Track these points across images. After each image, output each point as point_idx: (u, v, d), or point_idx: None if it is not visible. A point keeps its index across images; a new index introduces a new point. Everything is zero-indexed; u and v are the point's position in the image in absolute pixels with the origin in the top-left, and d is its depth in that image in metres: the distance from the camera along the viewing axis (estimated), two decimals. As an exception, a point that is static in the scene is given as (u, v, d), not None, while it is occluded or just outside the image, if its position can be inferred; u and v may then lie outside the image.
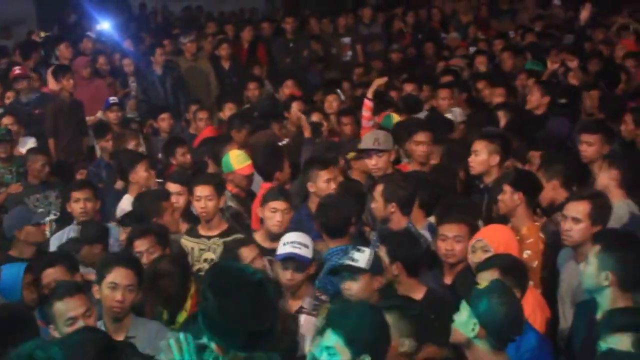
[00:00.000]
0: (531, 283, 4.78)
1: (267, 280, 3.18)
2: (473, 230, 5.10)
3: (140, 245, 5.38)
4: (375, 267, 4.65)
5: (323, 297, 4.98)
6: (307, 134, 7.47)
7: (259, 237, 5.83)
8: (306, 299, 4.94)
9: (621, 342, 3.31)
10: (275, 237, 5.46)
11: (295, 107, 8.82)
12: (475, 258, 4.75)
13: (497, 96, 8.74)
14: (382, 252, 4.84)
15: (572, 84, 8.96)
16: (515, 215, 5.40)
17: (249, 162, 6.96)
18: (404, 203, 5.61)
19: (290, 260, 4.88)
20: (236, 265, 3.46)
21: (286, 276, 4.88)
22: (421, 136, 6.80)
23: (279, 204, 5.73)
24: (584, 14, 10.85)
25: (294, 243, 4.93)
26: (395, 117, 7.79)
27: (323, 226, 5.49)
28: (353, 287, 4.62)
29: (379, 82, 8.40)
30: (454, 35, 14.24)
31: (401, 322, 3.69)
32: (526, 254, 5.19)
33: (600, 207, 4.81)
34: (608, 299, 4.02)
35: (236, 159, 6.90)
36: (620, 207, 5.32)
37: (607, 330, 3.43)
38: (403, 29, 14.63)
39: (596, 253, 4.04)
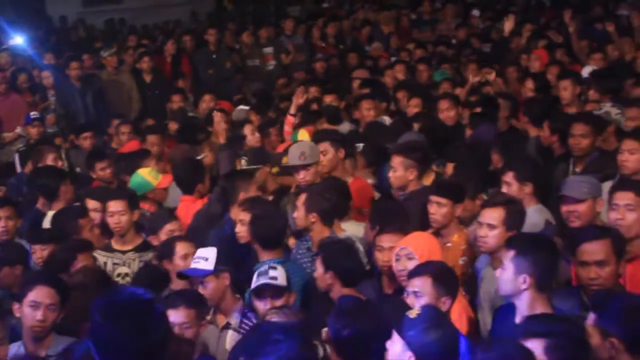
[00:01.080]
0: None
1: (156, 300, 3.15)
2: None
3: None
4: (289, 283, 4.74)
5: (250, 315, 4.96)
6: (222, 139, 7.45)
7: None
8: (234, 315, 4.93)
9: (534, 348, 3.36)
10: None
11: (218, 117, 8.79)
12: (400, 266, 4.76)
13: (412, 107, 8.83)
14: (318, 261, 4.89)
15: (489, 94, 9.15)
16: (450, 224, 5.45)
17: (163, 174, 7.00)
18: (326, 214, 5.64)
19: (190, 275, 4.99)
20: (127, 287, 3.42)
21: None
22: None
23: (173, 225, 5.91)
24: (508, 25, 11.06)
25: (195, 258, 4.99)
26: (302, 134, 7.83)
27: (257, 237, 5.46)
28: (275, 305, 4.65)
29: (299, 99, 8.46)
30: (376, 45, 14.38)
31: None
32: (462, 260, 5.26)
33: (514, 213, 4.89)
34: (527, 302, 4.05)
35: (151, 176, 6.88)
36: (535, 213, 5.43)
37: (522, 336, 3.46)
38: (317, 42, 14.71)
39: (512, 258, 4.07)
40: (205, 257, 4.97)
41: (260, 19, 16.98)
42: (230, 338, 4.81)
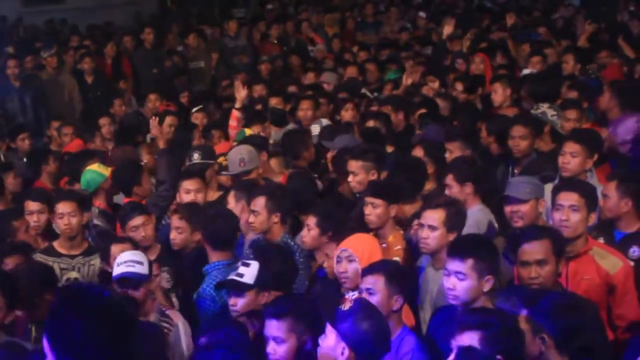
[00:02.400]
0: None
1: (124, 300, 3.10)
2: None
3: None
4: (262, 282, 4.64)
5: (168, 312, 4.99)
6: (161, 145, 7.39)
7: None
8: (152, 315, 4.91)
9: (471, 340, 3.40)
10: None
11: (168, 120, 8.79)
12: (341, 268, 4.75)
13: (349, 110, 8.80)
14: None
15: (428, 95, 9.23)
16: (386, 226, 5.47)
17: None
18: (286, 214, 5.71)
19: (126, 279, 4.85)
20: (95, 286, 3.36)
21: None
22: None
23: (138, 220, 5.79)
24: (447, 29, 11.16)
25: (127, 262, 4.88)
26: (248, 131, 7.81)
27: (208, 238, 5.42)
28: (239, 303, 4.62)
29: (240, 93, 8.43)
30: (320, 47, 14.41)
31: None
32: (396, 260, 5.25)
33: (455, 214, 4.92)
34: (481, 304, 4.12)
35: (101, 168, 6.82)
36: (478, 213, 5.49)
37: (458, 329, 3.51)
38: (255, 42, 14.72)
39: (472, 266, 4.11)
40: (140, 261, 4.91)
41: (205, 21, 16.88)
42: None
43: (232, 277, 4.69)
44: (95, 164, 6.90)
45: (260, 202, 5.64)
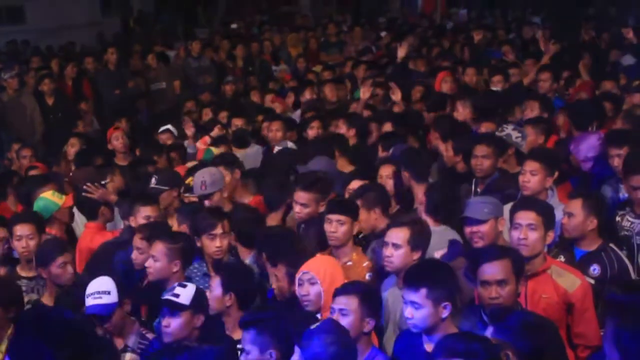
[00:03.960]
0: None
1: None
2: None
3: None
4: (198, 304, 4.62)
5: (149, 336, 4.94)
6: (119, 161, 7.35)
7: None
8: (131, 337, 4.87)
9: None
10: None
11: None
12: (303, 291, 4.73)
13: (315, 129, 8.83)
14: (215, 282, 4.82)
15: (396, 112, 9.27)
16: (348, 243, 5.44)
17: (66, 195, 6.85)
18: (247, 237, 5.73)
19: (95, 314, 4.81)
20: (56, 309, 3.33)
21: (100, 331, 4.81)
22: None
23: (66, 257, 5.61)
24: (401, 51, 11.26)
25: (94, 295, 4.82)
26: (215, 151, 7.77)
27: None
28: (172, 324, 4.60)
29: (191, 131, 8.52)
30: (283, 67, 14.44)
31: None
32: (369, 276, 5.24)
33: (419, 233, 4.92)
34: (444, 328, 4.12)
35: (55, 197, 6.71)
36: (439, 234, 5.50)
37: (441, 356, 3.48)
38: (227, 63, 14.73)
39: (426, 295, 4.09)
40: (107, 291, 4.83)
41: (168, 41, 16.87)
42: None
43: (168, 296, 4.65)
44: (50, 191, 6.79)
45: (227, 226, 5.65)
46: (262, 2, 23.16)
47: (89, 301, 4.80)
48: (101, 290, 4.82)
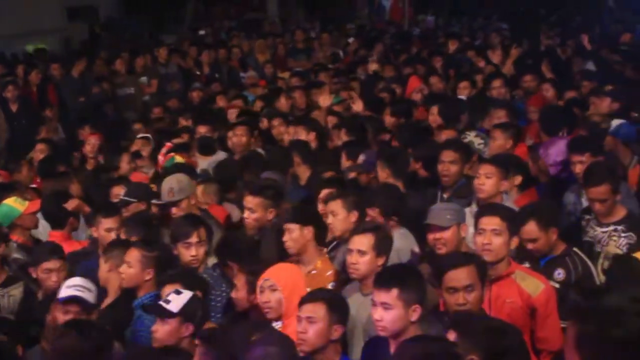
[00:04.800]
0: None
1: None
2: None
3: None
4: (188, 314, 4.58)
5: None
6: (90, 166, 7.30)
7: None
8: None
9: None
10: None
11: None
12: (264, 298, 4.71)
13: (287, 134, 8.84)
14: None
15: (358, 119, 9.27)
16: (307, 250, 5.42)
17: (30, 200, 6.80)
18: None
19: (73, 302, 4.84)
20: None
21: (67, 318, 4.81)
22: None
23: (52, 264, 5.64)
24: (372, 66, 11.31)
25: (77, 286, 4.89)
26: (178, 159, 7.73)
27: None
28: (160, 330, 4.57)
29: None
30: (251, 74, 14.41)
31: None
32: (332, 285, 5.22)
33: (383, 238, 4.93)
34: (412, 332, 4.10)
35: (17, 203, 6.64)
36: (399, 238, 5.51)
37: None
38: (193, 69, 14.67)
39: (397, 296, 4.10)
40: (89, 289, 4.98)
41: (135, 48, 16.74)
42: None
43: (160, 302, 4.66)
44: (12, 197, 6.73)
45: (203, 234, 5.60)
46: (230, 9, 23.11)
47: (70, 290, 4.87)
48: (85, 286, 4.93)
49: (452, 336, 3.71)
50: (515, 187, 6.45)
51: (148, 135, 9.57)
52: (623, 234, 5.66)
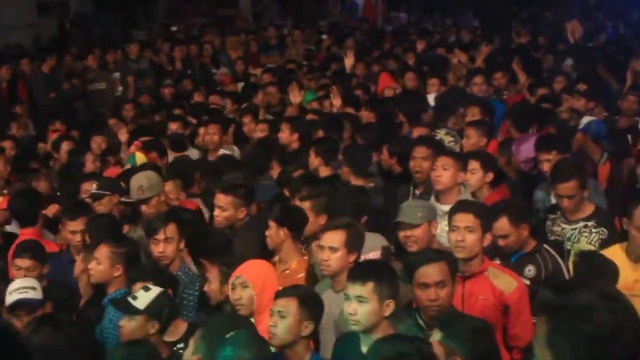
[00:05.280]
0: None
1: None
2: None
3: None
4: (154, 311, 4.57)
5: None
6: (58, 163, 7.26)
7: None
8: None
9: None
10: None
11: (65, 146, 8.57)
12: (236, 295, 4.71)
13: (258, 131, 8.81)
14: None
15: (334, 116, 9.25)
16: (283, 249, 5.42)
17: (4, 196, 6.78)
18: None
19: (19, 307, 4.88)
20: None
21: (20, 322, 4.82)
22: None
23: (22, 262, 5.59)
24: (348, 62, 11.30)
25: (19, 290, 4.91)
26: (139, 156, 7.67)
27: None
28: (127, 326, 4.57)
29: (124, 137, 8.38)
30: (223, 70, 14.35)
31: None
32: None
33: (355, 235, 4.92)
34: (383, 327, 4.11)
35: None
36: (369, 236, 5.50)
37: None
38: (165, 65, 14.60)
39: (372, 289, 4.10)
40: (32, 287, 4.95)
41: (106, 43, 16.61)
42: None
43: (128, 298, 4.66)
44: None
45: (173, 229, 5.59)
46: (202, 5, 22.99)
47: (14, 295, 4.89)
48: (27, 286, 4.94)
49: (437, 336, 3.73)
50: (486, 184, 6.47)
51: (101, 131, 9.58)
52: (594, 230, 5.70)
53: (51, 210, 6.79)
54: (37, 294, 4.94)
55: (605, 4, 19.67)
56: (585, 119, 7.46)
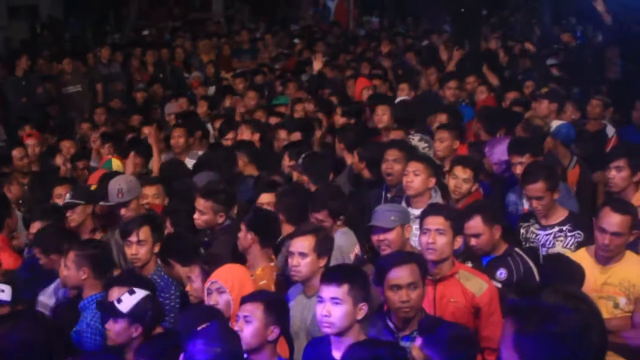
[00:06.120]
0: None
1: None
2: None
3: None
4: (137, 314, 4.58)
5: None
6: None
7: None
8: None
9: None
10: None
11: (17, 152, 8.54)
12: (212, 300, 4.70)
13: (228, 139, 8.80)
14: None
15: (305, 120, 9.28)
16: (250, 254, 5.44)
17: None
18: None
19: None
20: None
21: None
22: None
23: None
24: (316, 64, 11.35)
25: None
26: (115, 162, 7.65)
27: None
28: (113, 329, 4.59)
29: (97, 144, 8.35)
30: (195, 74, 14.32)
31: None
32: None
33: (324, 239, 4.94)
34: (355, 331, 4.14)
35: None
36: (341, 236, 5.55)
37: None
38: (137, 70, 14.55)
39: (347, 291, 4.12)
40: (1, 289, 4.99)
41: (78, 47, 16.55)
42: None
43: (113, 300, 4.65)
44: None
45: (146, 232, 5.58)
46: (174, 9, 22.94)
47: None
48: None
49: (417, 343, 3.76)
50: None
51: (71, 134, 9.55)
52: (569, 234, 5.76)
53: (34, 227, 6.71)
54: (5, 296, 4.96)
55: (576, 8, 19.83)
56: (555, 123, 7.52)
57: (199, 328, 3.76)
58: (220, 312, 4.57)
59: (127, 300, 4.60)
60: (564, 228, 5.78)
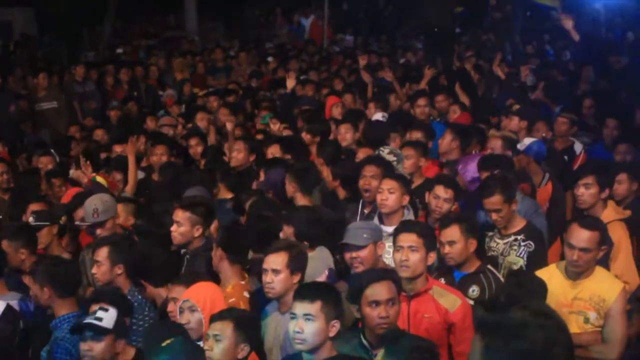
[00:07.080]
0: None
1: None
2: None
3: None
4: (120, 329, 4.59)
5: None
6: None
7: None
8: None
9: None
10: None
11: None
12: (184, 319, 4.69)
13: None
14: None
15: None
16: (221, 271, 5.46)
17: None
18: (132, 266, 5.59)
19: None
20: None
21: None
22: None
23: None
24: (290, 83, 11.42)
25: None
26: (99, 179, 7.65)
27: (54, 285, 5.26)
28: (95, 348, 4.54)
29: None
30: (170, 92, 14.32)
31: None
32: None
33: (297, 255, 4.95)
34: (326, 352, 4.15)
35: None
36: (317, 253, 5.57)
37: None
38: (111, 88, 14.53)
39: (320, 308, 4.14)
40: None
41: (52, 64, 16.48)
42: None
43: (90, 320, 4.60)
44: None
45: (102, 253, 5.54)
46: (148, 27, 22.93)
47: None
48: None
49: (380, 354, 3.78)
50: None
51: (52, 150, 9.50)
52: (522, 243, 5.85)
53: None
54: None
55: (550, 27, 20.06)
56: (527, 140, 7.59)
57: (164, 344, 3.74)
58: (183, 327, 4.58)
59: (107, 316, 4.57)
60: (519, 237, 5.88)
